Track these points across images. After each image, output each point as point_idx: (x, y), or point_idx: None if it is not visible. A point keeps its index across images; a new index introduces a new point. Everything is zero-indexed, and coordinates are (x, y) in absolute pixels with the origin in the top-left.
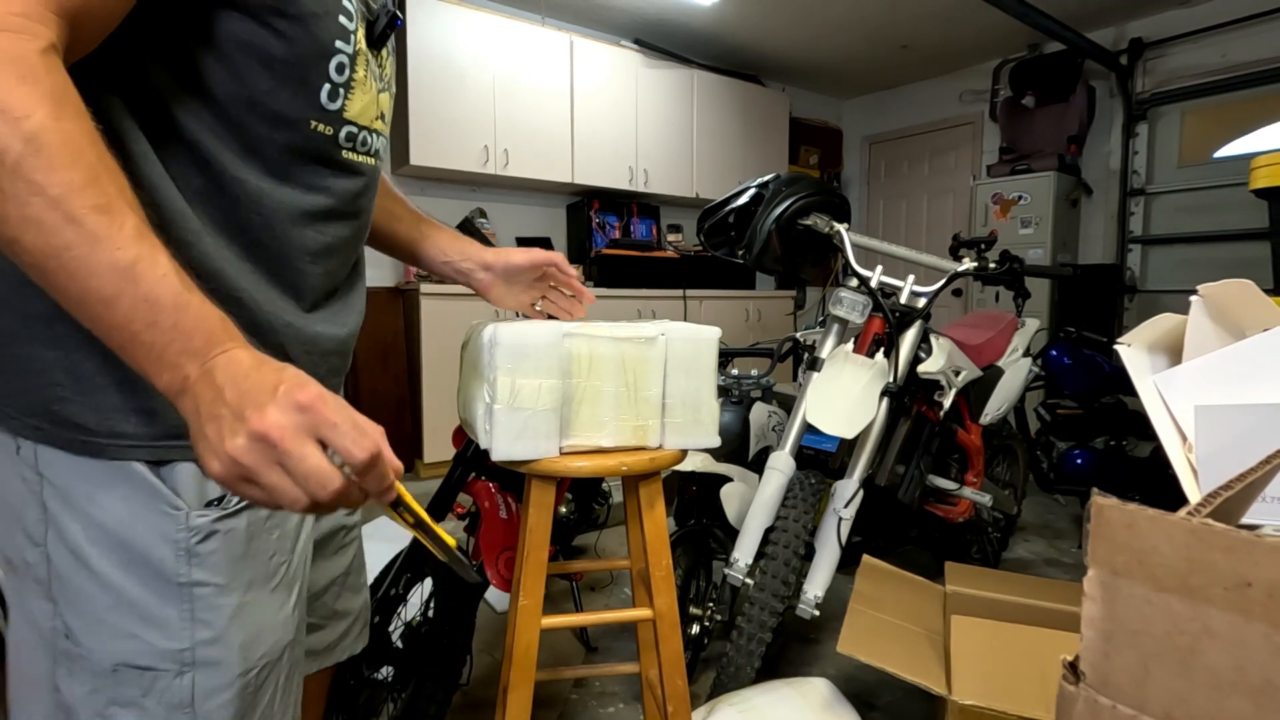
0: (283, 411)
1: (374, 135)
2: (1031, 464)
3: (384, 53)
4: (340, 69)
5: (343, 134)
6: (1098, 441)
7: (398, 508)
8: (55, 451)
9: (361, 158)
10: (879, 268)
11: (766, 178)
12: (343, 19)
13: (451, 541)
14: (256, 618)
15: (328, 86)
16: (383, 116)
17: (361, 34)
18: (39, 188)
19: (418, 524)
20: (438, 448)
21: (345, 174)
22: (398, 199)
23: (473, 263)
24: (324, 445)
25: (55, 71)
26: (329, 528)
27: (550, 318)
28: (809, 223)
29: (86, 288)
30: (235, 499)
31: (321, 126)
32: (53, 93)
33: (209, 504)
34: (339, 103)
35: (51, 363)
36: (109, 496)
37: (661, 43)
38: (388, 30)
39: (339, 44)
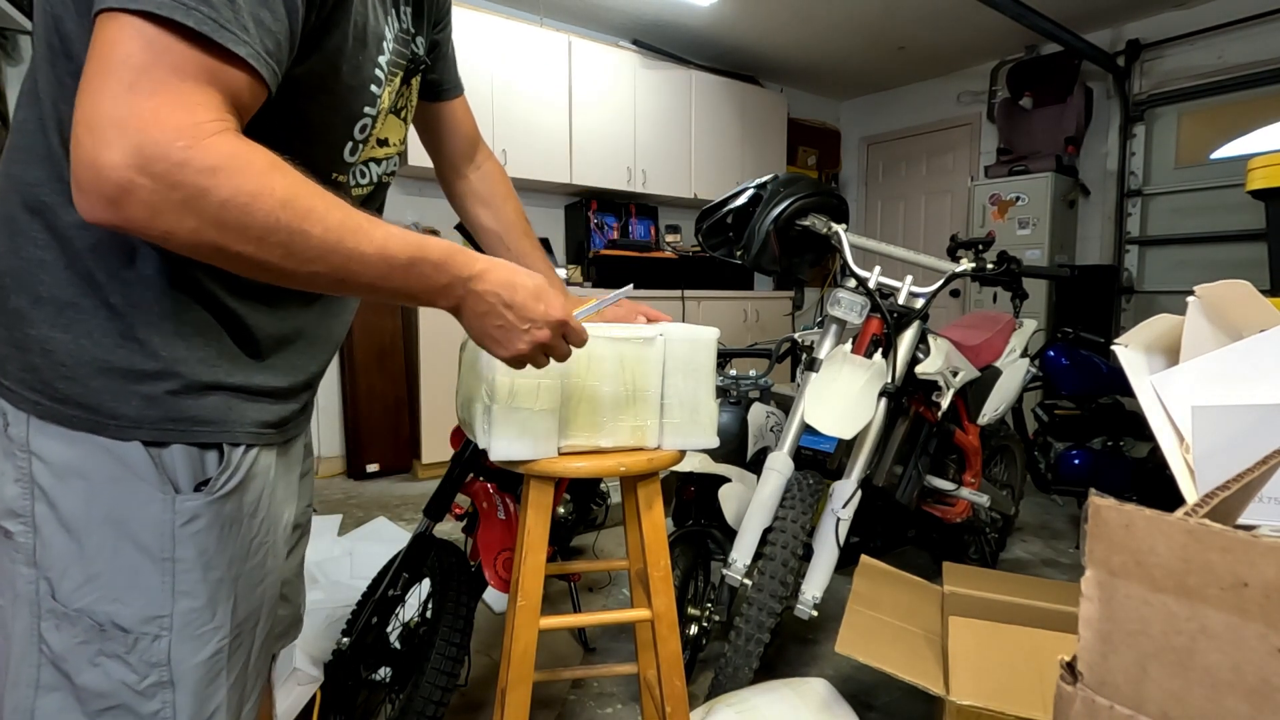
0: (550, 330)
1: (372, 165)
2: (1029, 464)
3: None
4: (363, 129)
5: (351, 176)
6: (1095, 442)
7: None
8: (52, 428)
9: (362, 189)
10: (877, 268)
11: (764, 178)
12: (373, 87)
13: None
14: (234, 592)
15: (350, 144)
16: (386, 141)
17: (387, 93)
18: (307, 234)
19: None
20: (436, 448)
21: None
22: (537, 248)
23: None
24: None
25: (253, 145)
26: (298, 522)
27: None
28: (807, 223)
29: (372, 279)
30: (223, 484)
31: (341, 177)
32: (268, 161)
33: (199, 487)
34: (357, 155)
35: (60, 345)
36: (102, 475)
37: (659, 43)
38: (413, 72)
39: (366, 109)
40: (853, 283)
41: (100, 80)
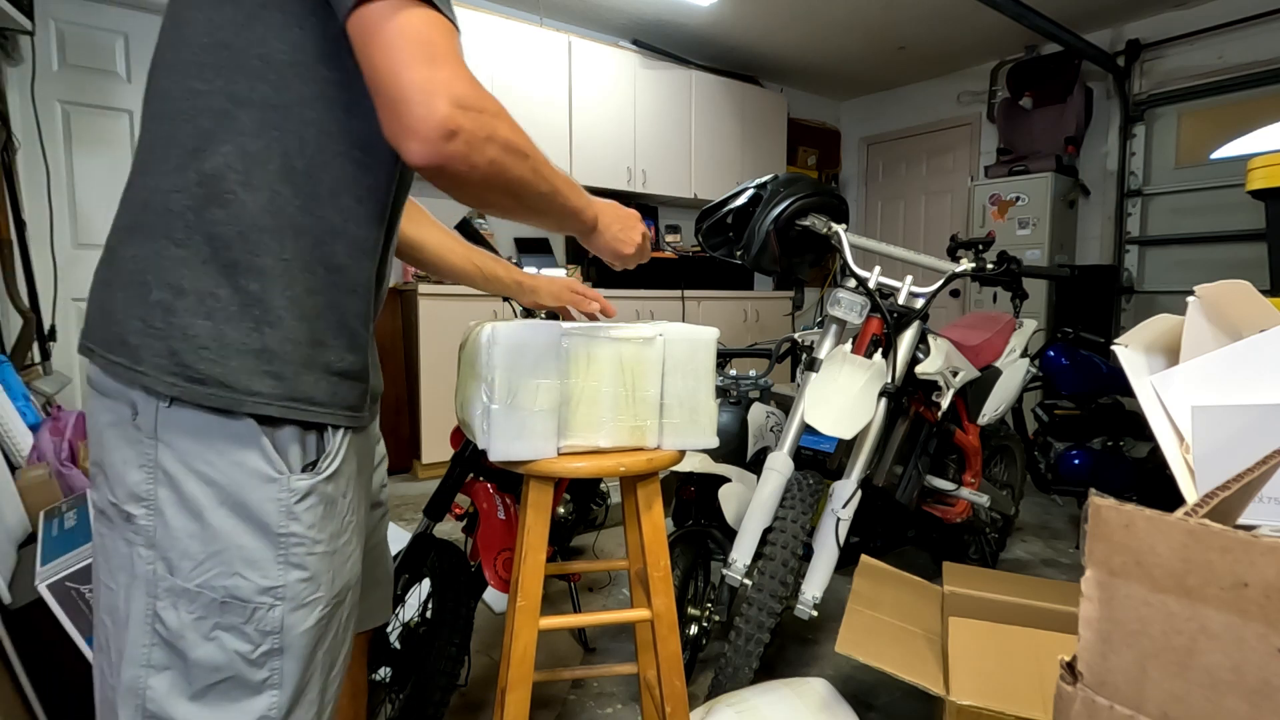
0: (642, 249)
1: None
2: (1029, 464)
3: None
4: None
5: None
6: (1095, 442)
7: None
8: (179, 414)
9: None
10: (877, 268)
11: (764, 178)
12: None
13: None
14: (334, 563)
15: None
16: None
17: None
18: (543, 165)
19: None
20: (436, 448)
21: None
22: (446, 231)
23: (516, 286)
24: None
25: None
26: (377, 500)
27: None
28: (807, 223)
29: (558, 215)
30: (328, 465)
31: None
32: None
33: (305, 468)
34: None
35: (202, 331)
36: (224, 460)
37: (659, 43)
38: None
39: None
40: (853, 283)
41: (407, 57)
